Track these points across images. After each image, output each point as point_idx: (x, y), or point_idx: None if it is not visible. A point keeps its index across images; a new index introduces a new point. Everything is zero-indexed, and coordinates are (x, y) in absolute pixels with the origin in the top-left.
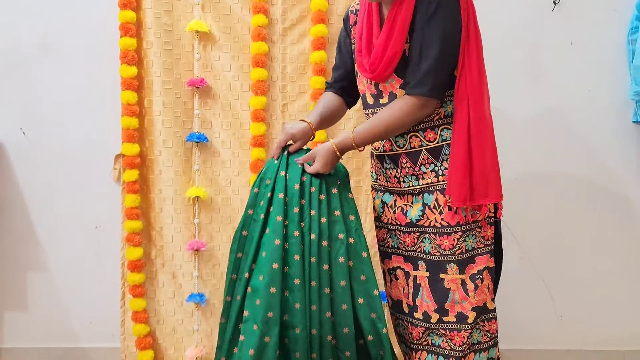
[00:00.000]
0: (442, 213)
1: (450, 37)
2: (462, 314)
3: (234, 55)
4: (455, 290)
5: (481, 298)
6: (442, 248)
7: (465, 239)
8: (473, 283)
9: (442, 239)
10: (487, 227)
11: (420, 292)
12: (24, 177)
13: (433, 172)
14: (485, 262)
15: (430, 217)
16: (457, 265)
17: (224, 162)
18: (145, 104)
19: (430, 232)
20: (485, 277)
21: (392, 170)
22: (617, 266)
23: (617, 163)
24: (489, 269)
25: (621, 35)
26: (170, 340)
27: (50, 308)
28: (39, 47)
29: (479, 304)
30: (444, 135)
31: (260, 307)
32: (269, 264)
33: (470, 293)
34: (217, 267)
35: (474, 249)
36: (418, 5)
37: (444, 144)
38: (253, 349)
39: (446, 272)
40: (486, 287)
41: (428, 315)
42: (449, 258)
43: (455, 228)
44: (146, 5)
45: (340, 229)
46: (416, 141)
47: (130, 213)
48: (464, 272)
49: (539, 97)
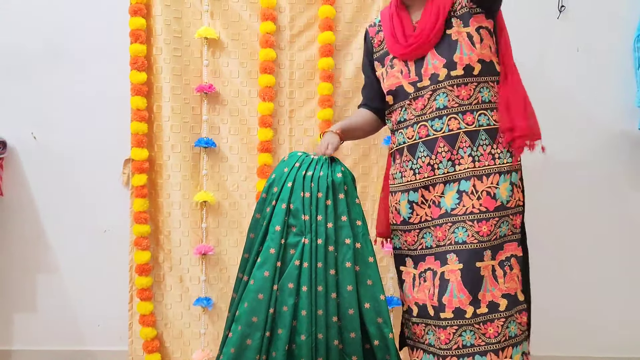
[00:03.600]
0: (480, 198)
1: None
2: (493, 302)
3: (242, 61)
4: (487, 277)
5: (511, 286)
6: (481, 234)
7: (501, 224)
8: (502, 269)
9: (481, 225)
10: (517, 216)
11: (449, 289)
12: (34, 181)
13: (470, 157)
14: (513, 250)
15: (467, 204)
16: (490, 252)
17: (232, 167)
18: (154, 109)
19: (467, 220)
20: (513, 265)
21: (425, 157)
22: (621, 271)
23: (623, 170)
24: (517, 257)
25: (627, 42)
26: (177, 343)
27: (59, 311)
28: (50, 52)
29: (509, 291)
30: (481, 120)
31: (246, 311)
32: (262, 270)
33: (499, 280)
34: (224, 271)
35: (504, 236)
36: None
37: (480, 129)
38: (234, 348)
39: (482, 259)
40: (515, 276)
41: (462, 311)
42: (486, 244)
43: (493, 213)
44: (156, 12)
45: (347, 234)
46: (454, 123)
47: (139, 217)
48: (494, 258)
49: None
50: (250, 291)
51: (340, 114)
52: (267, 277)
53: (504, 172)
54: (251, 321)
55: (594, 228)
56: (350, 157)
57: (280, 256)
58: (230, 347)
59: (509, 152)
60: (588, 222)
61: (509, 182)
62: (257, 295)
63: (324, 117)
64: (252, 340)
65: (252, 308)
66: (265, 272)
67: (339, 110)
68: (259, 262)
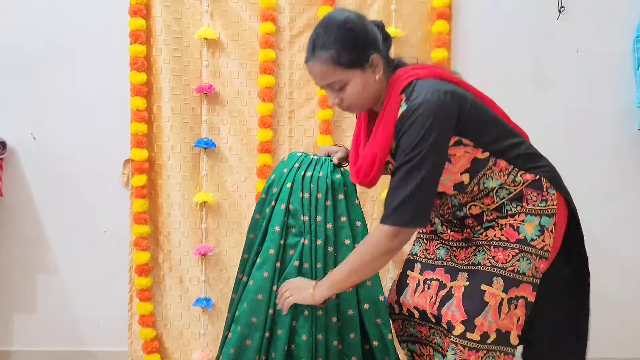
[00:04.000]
0: (502, 229)
1: (435, 153)
2: (486, 334)
3: (242, 62)
4: (492, 308)
5: (506, 323)
6: (496, 260)
7: (520, 259)
8: (508, 306)
9: (497, 251)
10: (542, 260)
11: (449, 303)
12: (34, 181)
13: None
14: (526, 292)
15: (490, 234)
16: (503, 282)
17: (232, 168)
18: (154, 109)
19: (486, 245)
20: (519, 306)
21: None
22: (621, 272)
23: (623, 170)
24: (527, 301)
25: (627, 43)
26: (176, 344)
27: (59, 311)
28: (49, 53)
29: (502, 327)
30: (501, 194)
31: (246, 311)
32: (261, 270)
33: (502, 315)
34: (224, 272)
35: (524, 274)
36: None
37: (504, 201)
38: (234, 349)
39: (491, 284)
40: (516, 317)
41: (452, 326)
42: (499, 271)
43: (513, 244)
44: (156, 13)
45: (346, 234)
46: (476, 209)
47: (138, 217)
48: (507, 292)
49: (544, 105)
50: (250, 292)
51: (339, 115)
52: (267, 277)
53: (533, 214)
54: (250, 322)
55: (594, 229)
56: None
57: (280, 257)
58: (230, 348)
59: (544, 200)
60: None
61: (538, 222)
62: (257, 295)
63: (323, 117)
64: (251, 340)
65: (252, 308)
66: (265, 272)
67: (339, 110)
68: (258, 262)
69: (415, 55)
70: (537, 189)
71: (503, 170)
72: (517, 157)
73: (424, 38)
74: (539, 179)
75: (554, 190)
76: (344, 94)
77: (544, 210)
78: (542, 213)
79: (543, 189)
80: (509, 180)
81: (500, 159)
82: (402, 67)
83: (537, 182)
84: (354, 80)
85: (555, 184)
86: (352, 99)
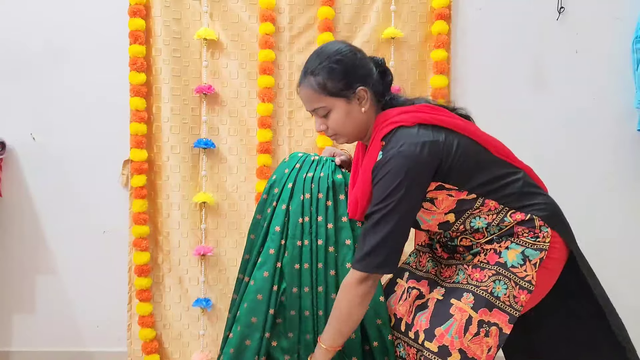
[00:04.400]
0: (486, 255)
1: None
2: (446, 348)
3: (241, 62)
4: (457, 322)
5: (474, 349)
6: (472, 278)
7: (496, 281)
8: (477, 328)
9: (475, 271)
10: (522, 291)
11: (421, 312)
12: (33, 182)
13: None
14: (500, 320)
15: (475, 260)
16: (474, 299)
17: (231, 168)
18: (153, 110)
19: (465, 264)
20: (491, 334)
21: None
22: (621, 272)
23: (622, 171)
24: (501, 332)
25: (626, 44)
26: (176, 344)
27: (58, 312)
28: (49, 53)
29: (468, 351)
30: (492, 230)
31: (246, 311)
32: (262, 270)
33: (467, 334)
34: (224, 272)
35: (498, 299)
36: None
37: (494, 237)
38: (234, 349)
39: (460, 299)
40: (487, 346)
41: (417, 335)
42: (472, 288)
43: (491, 266)
44: (155, 13)
45: (347, 235)
46: (466, 242)
47: (138, 218)
48: (476, 311)
49: (543, 106)
50: (250, 292)
51: None
52: (267, 277)
53: (519, 244)
54: (250, 322)
55: (594, 230)
56: None
57: (281, 257)
58: (230, 348)
59: (536, 237)
60: (587, 223)
61: (522, 252)
62: (257, 295)
63: None
64: (251, 340)
65: (251, 309)
66: (265, 272)
67: None
68: (259, 262)
69: (415, 57)
70: (530, 227)
71: (492, 210)
72: (510, 195)
73: (423, 38)
74: (530, 219)
75: (548, 229)
76: (329, 121)
77: (531, 243)
78: (528, 246)
79: (535, 227)
80: (497, 220)
81: (489, 199)
82: (391, 108)
83: (528, 221)
84: (337, 108)
85: (552, 222)
86: (337, 127)
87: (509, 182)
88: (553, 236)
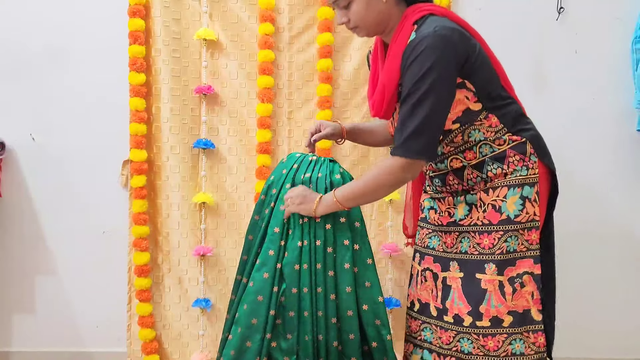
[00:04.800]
0: (485, 211)
1: (440, 87)
2: (497, 318)
3: (241, 63)
4: (492, 292)
5: (520, 303)
6: (482, 247)
7: (507, 239)
8: (511, 286)
9: (482, 237)
10: (531, 231)
11: (451, 295)
12: (32, 182)
13: (482, 181)
14: (527, 267)
15: (474, 216)
16: (495, 266)
17: (230, 169)
18: (153, 110)
19: (470, 231)
20: (526, 282)
21: (441, 186)
22: (621, 273)
23: (621, 171)
24: (534, 275)
25: (625, 44)
26: (176, 345)
27: (58, 312)
28: (48, 53)
29: (517, 309)
30: (484, 151)
31: (246, 313)
32: (261, 272)
33: (507, 296)
34: (223, 273)
35: (515, 251)
36: (407, 46)
37: (485, 159)
38: (234, 350)
39: (484, 271)
40: (529, 294)
41: (460, 319)
42: (488, 257)
43: (496, 227)
44: (155, 13)
45: (345, 235)
46: (457, 162)
47: (138, 218)
48: (502, 273)
49: (543, 106)
50: (250, 293)
51: (339, 115)
52: (267, 278)
53: (514, 185)
54: (250, 323)
55: (593, 230)
56: (349, 158)
57: (280, 258)
58: (230, 349)
59: (525, 166)
60: (587, 224)
61: (520, 195)
62: (257, 297)
63: (322, 118)
64: (251, 342)
65: (252, 310)
66: (265, 273)
67: (338, 111)
68: (258, 263)
69: None
70: (521, 152)
71: (492, 127)
72: (508, 116)
73: None
74: (524, 142)
75: (537, 158)
76: (350, 13)
77: (524, 179)
78: (524, 183)
79: (526, 154)
80: (495, 138)
81: (493, 114)
82: (418, 3)
83: (521, 145)
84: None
85: (540, 152)
86: (357, 19)
87: (510, 104)
88: (540, 167)
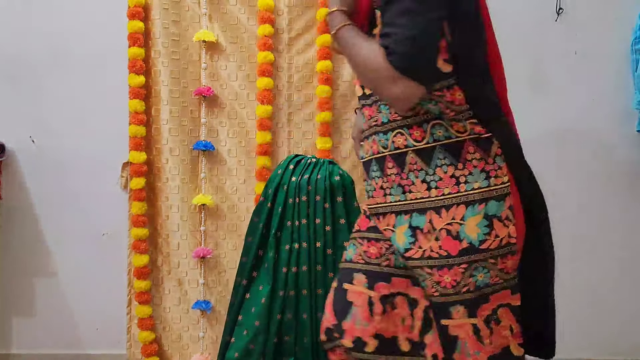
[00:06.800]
0: (438, 239)
1: None
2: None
3: (240, 64)
4: (466, 339)
5: (499, 343)
6: (443, 286)
7: (474, 272)
8: (488, 328)
9: (442, 274)
10: (506, 258)
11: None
12: (33, 185)
13: (424, 184)
14: (502, 299)
15: (424, 245)
16: (464, 307)
17: (230, 170)
18: (152, 112)
19: (424, 266)
20: (503, 317)
21: (378, 179)
22: (622, 273)
23: (622, 172)
24: (511, 306)
25: (625, 45)
26: (175, 347)
27: (57, 314)
28: (48, 56)
29: (495, 350)
30: (436, 133)
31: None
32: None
33: (484, 340)
34: (223, 275)
35: (487, 285)
36: None
37: (436, 145)
38: (238, 353)
39: (450, 316)
40: (506, 329)
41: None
42: (453, 298)
43: (458, 259)
44: (154, 15)
45: (345, 237)
46: (400, 140)
47: (137, 220)
48: (474, 314)
49: (542, 107)
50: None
51: (338, 117)
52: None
53: (474, 201)
54: (254, 325)
55: (593, 231)
56: (349, 159)
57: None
58: (234, 352)
59: (485, 173)
60: (587, 224)
61: (483, 214)
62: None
63: (322, 119)
64: (255, 344)
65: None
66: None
67: (338, 112)
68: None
69: None
70: (483, 150)
71: (454, 103)
72: (479, 98)
73: None
74: (489, 138)
75: (504, 163)
76: None
77: (487, 192)
78: (486, 197)
79: (490, 153)
80: (453, 119)
81: (459, 86)
82: None
83: (486, 141)
84: None
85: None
86: None
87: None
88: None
